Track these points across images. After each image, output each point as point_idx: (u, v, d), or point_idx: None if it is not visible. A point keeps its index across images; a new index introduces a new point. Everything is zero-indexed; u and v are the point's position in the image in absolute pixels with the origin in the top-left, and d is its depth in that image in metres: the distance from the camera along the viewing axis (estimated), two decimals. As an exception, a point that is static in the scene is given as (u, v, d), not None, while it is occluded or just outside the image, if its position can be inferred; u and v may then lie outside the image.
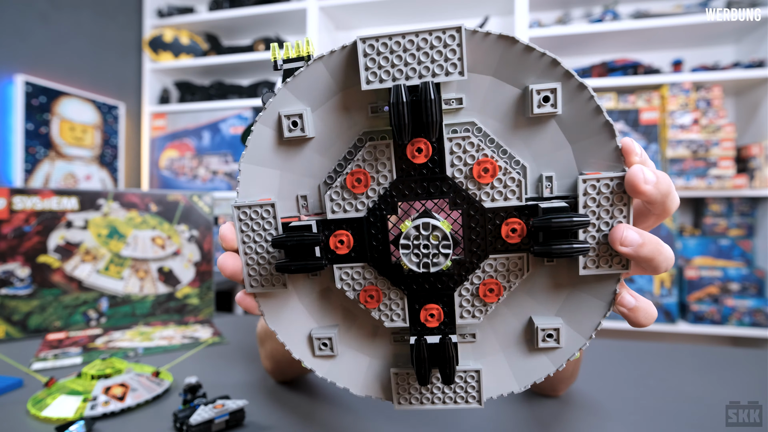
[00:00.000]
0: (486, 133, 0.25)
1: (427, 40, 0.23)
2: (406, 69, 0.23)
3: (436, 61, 0.23)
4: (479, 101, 0.25)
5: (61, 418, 0.48)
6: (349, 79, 0.25)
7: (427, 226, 0.24)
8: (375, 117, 0.25)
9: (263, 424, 0.48)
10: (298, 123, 0.25)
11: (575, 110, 0.24)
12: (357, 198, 0.25)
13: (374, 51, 0.23)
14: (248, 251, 0.27)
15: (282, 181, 0.27)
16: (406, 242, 0.24)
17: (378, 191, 0.25)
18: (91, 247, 0.89)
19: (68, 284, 0.86)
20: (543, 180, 0.25)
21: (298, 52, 0.26)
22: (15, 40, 1.49)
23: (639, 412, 0.51)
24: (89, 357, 0.70)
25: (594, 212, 0.24)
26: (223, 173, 1.90)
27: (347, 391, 0.57)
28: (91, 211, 0.89)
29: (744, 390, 0.57)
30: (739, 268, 1.49)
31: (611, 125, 0.23)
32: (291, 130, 0.26)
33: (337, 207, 0.26)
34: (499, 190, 0.24)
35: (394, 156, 0.25)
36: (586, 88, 0.23)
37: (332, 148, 0.26)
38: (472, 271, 0.25)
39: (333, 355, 0.28)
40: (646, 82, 1.52)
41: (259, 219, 0.26)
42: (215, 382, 0.60)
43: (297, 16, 1.80)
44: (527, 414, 0.51)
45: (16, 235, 0.82)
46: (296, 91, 0.26)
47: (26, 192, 0.83)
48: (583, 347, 0.26)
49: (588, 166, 0.24)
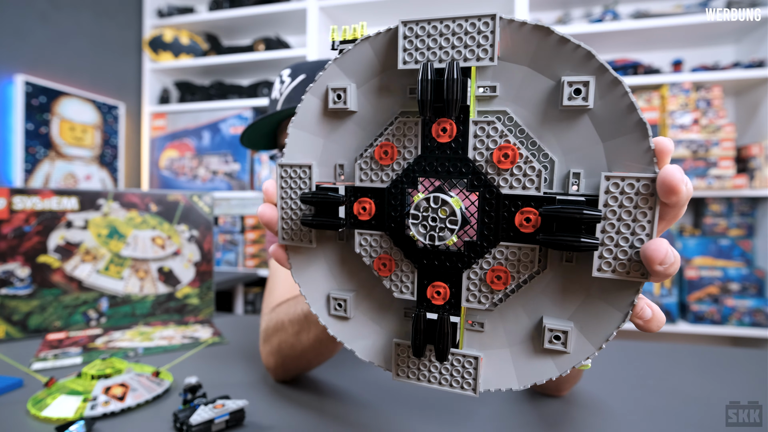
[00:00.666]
0: (517, 123, 0.25)
1: (463, 26, 0.24)
2: (440, 52, 0.24)
3: (469, 46, 0.24)
4: (513, 91, 0.25)
5: (61, 418, 0.48)
6: (391, 60, 0.27)
7: (437, 200, 0.24)
8: (413, 98, 0.27)
9: (263, 424, 0.48)
10: (342, 96, 0.28)
11: (608, 106, 0.23)
12: (383, 170, 0.27)
13: (413, 33, 0.25)
14: (284, 206, 0.30)
15: (324, 149, 0.29)
16: (416, 213, 0.25)
17: (403, 165, 0.27)
18: (91, 247, 0.89)
19: (68, 284, 0.86)
20: (570, 176, 0.24)
21: (354, 35, 0.28)
22: (15, 40, 1.49)
23: (639, 411, 0.51)
24: (89, 357, 0.70)
25: (615, 212, 0.23)
26: (223, 173, 1.90)
27: (345, 389, 0.57)
28: (91, 211, 0.89)
29: (744, 390, 0.57)
30: (739, 268, 1.49)
31: (645, 124, 0.22)
32: (335, 102, 0.28)
33: (365, 176, 0.28)
34: (518, 177, 0.24)
35: (421, 133, 0.26)
36: (621, 83, 0.23)
37: (372, 124, 0.28)
38: (481, 255, 0.26)
39: (347, 317, 0.30)
40: (646, 82, 1.52)
41: (297, 178, 0.29)
42: (215, 382, 0.60)
43: (297, 16, 1.80)
44: (531, 413, 0.51)
45: (16, 235, 0.82)
46: (344, 67, 0.28)
47: (26, 192, 0.83)
48: (592, 356, 0.25)
49: (619, 166, 0.23)
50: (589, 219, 0.22)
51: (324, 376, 0.62)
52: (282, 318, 0.56)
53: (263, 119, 0.69)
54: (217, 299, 1.84)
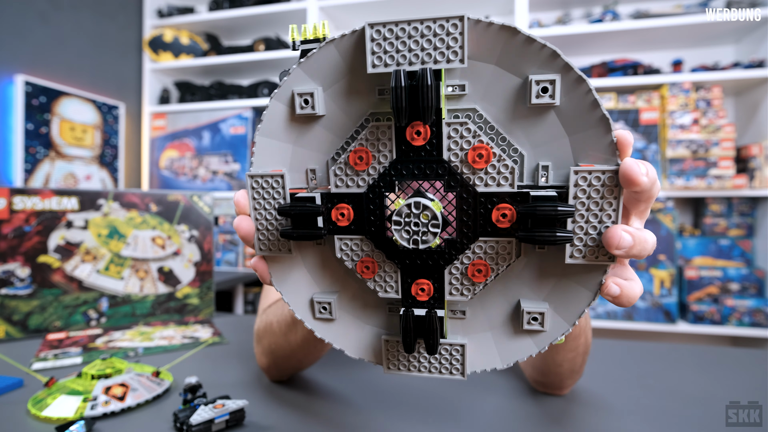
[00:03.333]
0: (486, 120, 0.26)
1: (431, 27, 0.24)
2: (410, 55, 0.24)
3: (438, 49, 0.24)
4: (482, 89, 0.26)
5: (61, 418, 0.48)
6: (358, 62, 0.26)
7: (419, 205, 0.25)
8: (382, 99, 0.27)
9: (263, 424, 0.48)
10: (309, 101, 0.27)
11: (573, 102, 0.24)
12: (359, 175, 0.27)
13: (381, 36, 0.24)
14: (259, 217, 0.29)
15: (293, 155, 0.29)
16: (398, 219, 0.25)
17: (378, 169, 0.26)
18: (91, 247, 0.89)
19: (68, 284, 0.86)
20: (539, 169, 0.25)
21: (315, 34, 0.27)
22: (15, 40, 1.49)
23: (640, 411, 0.51)
24: (89, 357, 0.70)
25: (584, 203, 0.24)
26: (223, 173, 1.90)
27: (345, 389, 0.57)
28: (91, 211, 0.89)
29: (744, 390, 0.57)
30: (739, 268, 1.49)
31: (608, 119, 0.24)
32: (303, 108, 0.27)
33: (340, 182, 0.27)
34: (493, 176, 0.25)
35: (395, 137, 0.26)
36: (585, 81, 0.24)
37: (341, 127, 0.28)
38: (462, 252, 0.27)
39: (332, 318, 0.30)
40: (646, 82, 1.52)
41: (269, 188, 0.28)
42: (215, 382, 0.60)
43: (297, 16, 1.80)
44: (532, 412, 0.51)
45: (16, 235, 0.82)
46: (309, 70, 0.27)
47: (26, 192, 0.83)
48: (566, 333, 0.27)
49: (584, 157, 0.25)
50: (563, 215, 0.24)
51: (323, 376, 0.62)
52: (271, 320, 0.57)
53: None
54: (217, 299, 1.84)
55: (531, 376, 0.56)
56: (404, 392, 0.56)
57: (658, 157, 1.53)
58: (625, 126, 1.54)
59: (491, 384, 0.59)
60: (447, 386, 0.58)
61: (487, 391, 0.56)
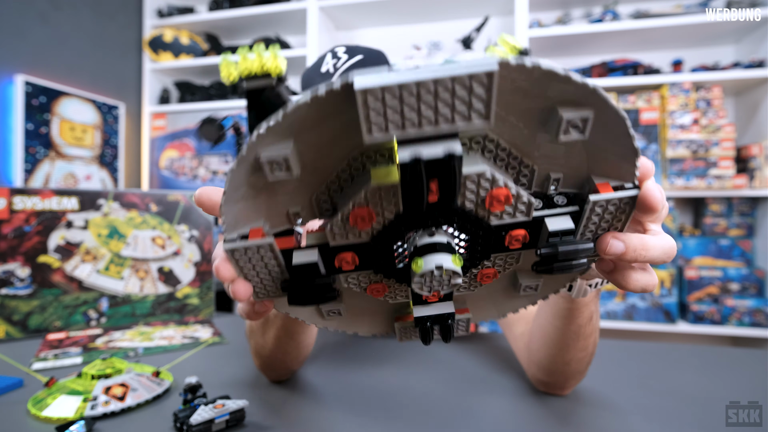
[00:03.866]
0: (499, 143, 0.24)
1: (449, 87, 0.18)
2: (419, 118, 0.19)
3: (457, 110, 0.19)
4: (498, 116, 0.22)
5: (61, 418, 0.48)
6: (343, 108, 0.20)
7: (441, 267, 0.22)
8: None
9: (263, 424, 0.48)
10: (282, 166, 0.22)
11: (604, 135, 0.22)
12: (361, 229, 0.24)
13: (379, 101, 0.19)
14: (251, 279, 0.26)
15: (269, 206, 0.24)
16: (419, 280, 0.22)
17: (383, 222, 0.24)
18: (91, 247, 0.89)
19: (68, 284, 0.86)
20: (550, 179, 0.25)
21: (262, 67, 0.22)
22: (15, 40, 1.49)
23: (640, 411, 0.51)
24: (89, 357, 0.70)
25: (595, 223, 0.25)
26: (223, 173, 1.90)
27: (346, 390, 0.57)
28: (91, 211, 0.89)
29: (744, 390, 0.57)
30: (739, 268, 1.49)
31: (638, 150, 0.22)
32: (274, 173, 0.22)
33: (340, 237, 0.24)
34: (509, 212, 0.24)
35: (401, 198, 0.22)
36: (622, 117, 0.21)
37: (322, 169, 0.24)
38: (472, 268, 0.27)
39: (341, 315, 0.31)
40: (646, 82, 1.52)
41: (256, 256, 0.24)
42: (215, 382, 0.60)
43: (297, 16, 1.80)
44: (533, 412, 0.51)
45: (16, 235, 0.82)
46: (278, 130, 0.21)
47: (26, 192, 0.83)
48: (561, 288, 0.30)
49: (600, 175, 0.24)
50: (584, 254, 0.25)
51: (324, 376, 0.62)
52: (251, 322, 0.57)
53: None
54: (217, 299, 1.84)
55: (534, 375, 0.56)
56: (406, 393, 0.56)
57: (658, 157, 1.53)
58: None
59: (493, 385, 0.59)
60: (449, 387, 0.58)
61: (489, 393, 0.56)
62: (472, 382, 0.59)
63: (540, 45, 1.63)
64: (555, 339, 0.50)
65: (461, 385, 0.58)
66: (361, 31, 1.95)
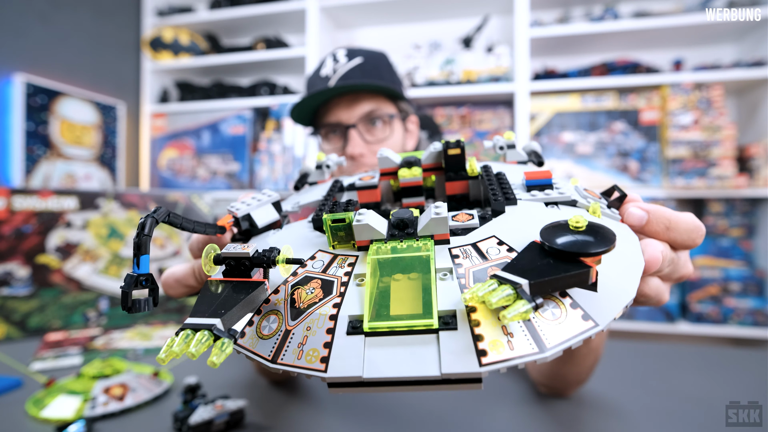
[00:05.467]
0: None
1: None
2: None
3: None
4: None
5: (60, 418, 0.48)
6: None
7: None
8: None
9: (263, 424, 0.48)
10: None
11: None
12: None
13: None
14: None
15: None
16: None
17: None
18: (91, 247, 0.89)
19: (68, 284, 0.86)
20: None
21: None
22: (14, 40, 1.49)
23: (640, 411, 0.51)
24: (89, 357, 0.70)
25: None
26: (223, 173, 1.90)
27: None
28: (90, 211, 0.89)
29: (744, 390, 0.57)
30: (739, 268, 1.49)
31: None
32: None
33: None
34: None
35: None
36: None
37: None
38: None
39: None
40: (646, 82, 1.51)
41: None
42: (215, 382, 0.60)
43: (297, 15, 1.80)
44: (534, 412, 0.50)
45: (16, 235, 0.82)
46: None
47: (26, 192, 0.83)
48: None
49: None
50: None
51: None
52: None
53: (316, 94, 0.69)
54: (217, 299, 1.84)
55: (537, 379, 0.57)
56: (405, 395, 0.56)
57: (659, 157, 1.52)
58: (627, 125, 1.54)
59: (494, 387, 0.59)
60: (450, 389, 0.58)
61: (490, 395, 0.56)
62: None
63: (540, 44, 1.63)
64: None
65: (467, 391, 0.58)
66: (360, 31, 1.95)
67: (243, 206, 0.33)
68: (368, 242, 0.26)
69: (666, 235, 0.28)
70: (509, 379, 0.60)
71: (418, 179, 0.35)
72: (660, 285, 0.29)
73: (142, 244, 0.23)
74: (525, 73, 1.55)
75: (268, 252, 0.25)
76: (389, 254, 0.24)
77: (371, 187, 0.35)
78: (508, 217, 0.27)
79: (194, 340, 0.21)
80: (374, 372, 0.21)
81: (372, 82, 0.70)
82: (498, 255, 0.24)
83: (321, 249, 0.28)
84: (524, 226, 0.25)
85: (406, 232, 0.26)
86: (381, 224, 0.26)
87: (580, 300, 0.22)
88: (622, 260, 0.24)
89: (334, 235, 0.27)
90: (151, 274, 0.24)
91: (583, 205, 0.29)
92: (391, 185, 0.38)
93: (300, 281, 0.26)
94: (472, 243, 0.25)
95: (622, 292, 0.23)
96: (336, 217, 0.26)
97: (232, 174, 1.89)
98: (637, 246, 0.26)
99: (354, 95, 0.71)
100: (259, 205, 0.34)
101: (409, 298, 0.22)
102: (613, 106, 1.55)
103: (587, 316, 0.21)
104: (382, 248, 0.25)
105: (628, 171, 1.53)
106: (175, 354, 0.20)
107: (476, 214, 0.28)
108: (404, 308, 0.22)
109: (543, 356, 0.20)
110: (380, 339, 0.22)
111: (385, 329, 0.21)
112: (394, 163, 0.36)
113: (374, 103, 0.72)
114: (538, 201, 0.29)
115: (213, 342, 0.21)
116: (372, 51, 0.74)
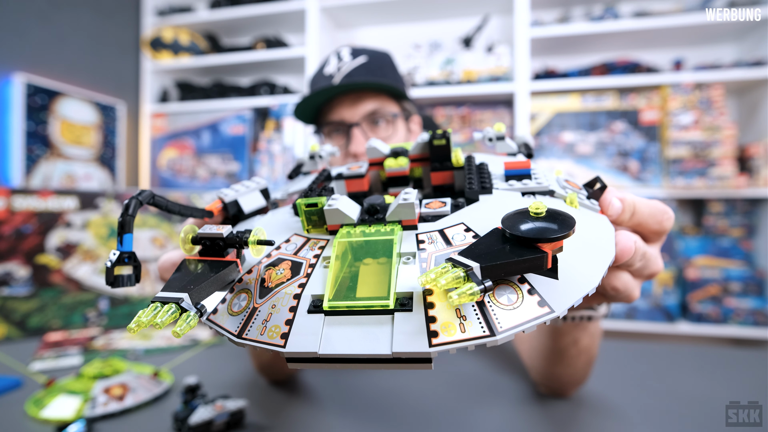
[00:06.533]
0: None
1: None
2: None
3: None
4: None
5: (60, 418, 0.48)
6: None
7: None
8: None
9: (263, 424, 0.48)
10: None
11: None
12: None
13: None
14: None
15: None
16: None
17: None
18: (91, 247, 0.89)
19: (68, 284, 0.86)
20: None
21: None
22: (14, 40, 1.49)
23: (640, 411, 0.51)
24: (89, 357, 0.70)
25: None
26: (223, 173, 1.90)
27: (345, 391, 0.56)
28: (90, 211, 0.89)
29: (744, 390, 0.57)
30: (739, 268, 1.49)
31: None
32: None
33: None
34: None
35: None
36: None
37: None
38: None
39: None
40: (646, 82, 1.51)
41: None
42: (215, 382, 0.60)
43: (297, 15, 1.80)
44: (535, 413, 0.50)
45: (16, 235, 0.82)
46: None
47: (26, 192, 0.83)
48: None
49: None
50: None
51: (323, 376, 0.61)
52: None
53: (320, 92, 0.69)
54: (217, 299, 1.84)
55: (536, 379, 0.57)
56: (405, 395, 0.56)
57: (659, 157, 1.52)
58: (627, 125, 1.54)
59: (494, 387, 0.59)
60: (450, 389, 0.58)
61: (489, 395, 0.56)
62: (472, 384, 0.59)
63: (540, 44, 1.63)
64: (542, 352, 0.52)
65: (462, 388, 0.58)
66: (361, 31, 1.95)
67: (231, 192, 0.34)
68: (339, 226, 0.27)
69: (632, 220, 0.29)
70: (509, 379, 0.60)
71: (404, 169, 0.36)
72: (630, 280, 0.29)
73: (126, 223, 0.25)
74: (525, 73, 1.55)
75: (241, 233, 0.26)
76: (356, 237, 0.25)
77: (358, 177, 0.36)
78: (481, 206, 0.28)
79: (161, 311, 0.22)
80: (329, 348, 0.22)
81: (376, 80, 0.70)
82: (463, 241, 0.24)
83: (296, 233, 0.29)
84: (495, 215, 0.25)
85: (375, 218, 0.27)
86: (353, 209, 0.27)
87: (539, 287, 0.22)
88: (591, 249, 0.25)
89: (308, 219, 0.28)
90: (134, 252, 0.26)
91: (560, 195, 0.29)
92: (380, 175, 0.38)
93: (273, 262, 0.27)
94: (439, 229, 0.26)
95: (585, 280, 0.23)
96: (309, 202, 0.27)
97: (232, 174, 1.89)
98: (610, 236, 0.27)
99: (358, 94, 0.71)
100: (247, 192, 0.35)
101: (375, 281, 0.23)
102: (613, 106, 1.55)
103: (543, 302, 0.22)
104: (350, 232, 0.26)
105: (628, 171, 1.53)
106: (144, 324, 0.21)
107: (449, 202, 0.28)
108: (369, 291, 0.22)
109: (493, 339, 0.20)
110: (339, 318, 0.23)
111: (344, 308, 0.22)
112: (382, 153, 0.37)
113: (378, 102, 0.72)
114: (514, 191, 0.29)
115: (180, 315, 0.22)
116: (376, 50, 0.75)
